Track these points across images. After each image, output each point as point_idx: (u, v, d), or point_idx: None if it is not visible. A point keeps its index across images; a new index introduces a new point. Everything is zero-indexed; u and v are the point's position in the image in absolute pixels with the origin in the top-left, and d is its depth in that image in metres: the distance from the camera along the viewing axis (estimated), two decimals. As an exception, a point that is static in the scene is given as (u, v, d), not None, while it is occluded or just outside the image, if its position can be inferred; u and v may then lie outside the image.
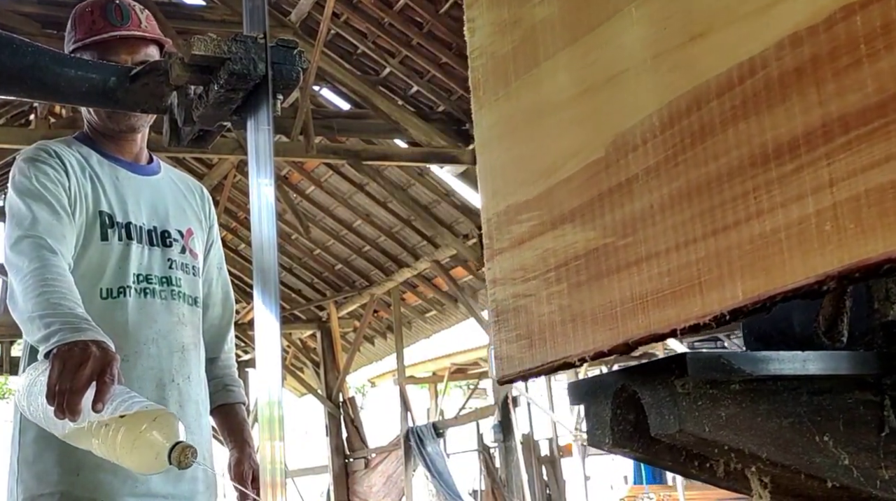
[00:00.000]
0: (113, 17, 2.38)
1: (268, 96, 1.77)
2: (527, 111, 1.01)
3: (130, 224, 2.34)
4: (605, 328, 0.88)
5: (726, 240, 0.77)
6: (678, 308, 0.81)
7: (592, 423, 0.98)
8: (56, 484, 2.20)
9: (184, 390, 2.34)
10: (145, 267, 2.33)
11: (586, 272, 0.91)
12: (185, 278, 2.40)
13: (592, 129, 0.91)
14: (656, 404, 0.89)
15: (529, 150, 1.00)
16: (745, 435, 0.91)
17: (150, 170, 2.49)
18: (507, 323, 1.02)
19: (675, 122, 0.82)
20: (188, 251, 2.43)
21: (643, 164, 0.85)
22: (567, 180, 0.94)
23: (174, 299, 2.36)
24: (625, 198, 0.87)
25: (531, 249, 0.98)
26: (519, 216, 1.00)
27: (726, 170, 0.77)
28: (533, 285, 0.98)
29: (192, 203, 2.52)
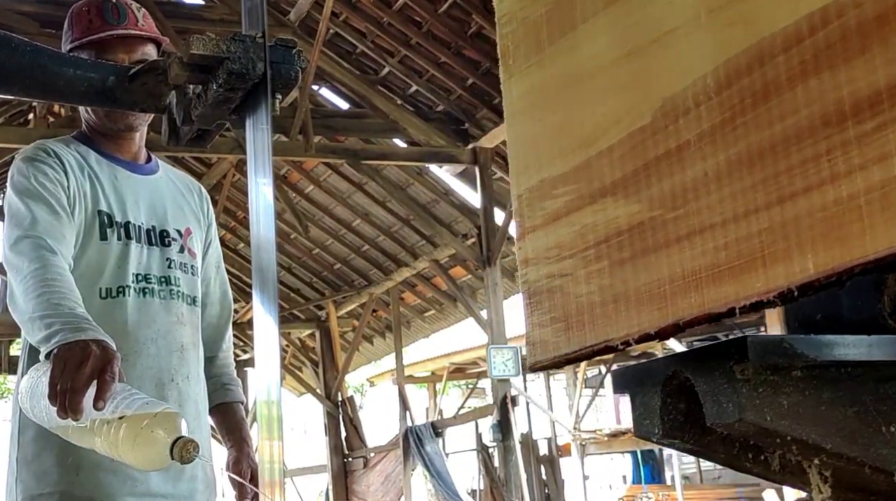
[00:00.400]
0: (110, 16, 2.36)
1: (266, 96, 1.76)
2: (562, 78, 0.94)
3: (129, 223, 2.33)
4: (651, 308, 0.82)
5: (794, 208, 0.70)
6: (737, 284, 0.74)
7: (640, 413, 0.91)
8: (55, 484, 2.19)
9: (183, 389, 2.33)
10: (144, 267, 2.32)
11: (630, 248, 0.84)
12: (184, 277, 2.39)
13: (637, 95, 0.84)
14: (713, 391, 0.82)
15: (565, 120, 0.93)
16: (808, 425, 0.84)
17: (148, 169, 2.47)
18: (541, 305, 0.95)
19: (733, 82, 0.76)
20: (187, 250, 2.42)
21: (696, 130, 0.78)
22: (608, 150, 0.87)
23: (173, 298, 2.35)
24: (674, 167, 0.80)
25: (568, 225, 0.92)
26: (554, 190, 0.93)
27: (794, 131, 0.70)
28: (569, 264, 0.91)
29: (190, 202, 2.51)
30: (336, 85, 11.59)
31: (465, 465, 15.52)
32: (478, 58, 10.17)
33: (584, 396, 16.88)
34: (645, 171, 0.83)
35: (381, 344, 17.02)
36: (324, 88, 11.87)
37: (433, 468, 13.36)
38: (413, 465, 13.74)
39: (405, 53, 10.66)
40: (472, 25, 9.90)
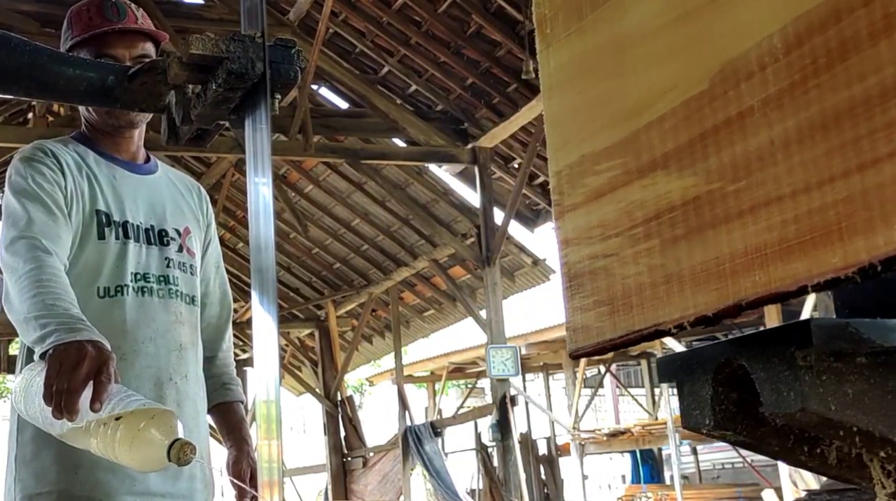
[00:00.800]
0: (110, 13, 2.36)
1: (266, 95, 1.76)
2: (606, 46, 0.88)
3: (128, 223, 2.32)
4: (709, 288, 0.76)
5: (878, 175, 0.64)
6: (809, 260, 0.68)
7: (689, 403, 0.86)
8: (54, 483, 2.17)
9: (181, 389, 2.32)
10: (143, 266, 2.32)
11: (684, 225, 0.79)
12: (183, 277, 2.39)
13: (692, 60, 0.79)
14: (772, 379, 0.76)
15: (609, 90, 0.88)
16: (875, 416, 0.78)
17: (147, 169, 2.47)
18: (583, 288, 0.89)
19: (804, 41, 0.70)
20: (185, 250, 2.42)
21: (760, 94, 0.73)
22: (659, 120, 0.81)
23: (172, 298, 2.35)
24: (736, 136, 0.74)
25: (613, 202, 0.86)
26: (596, 166, 0.88)
27: (878, 91, 0.65)
28: (615, 243, 0.86)
29: (189, 202, 2.51)
30: (335, 84, 11.57)
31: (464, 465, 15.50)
32: (477, 57, 10.14)
33: (584, 396, 16.84)
34: (701, 142, 0.77)
35: (380, 343, 17.01)
36: (323, 88, 11.86)
37: (432, 467, 13.35)
38: (412, 465, 13.72)
39: (404, 53, 10.64)
40: (472, 25, 9.87)
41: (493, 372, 10.73)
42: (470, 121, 11.02)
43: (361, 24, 10.53)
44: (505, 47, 9.79)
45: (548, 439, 16.16)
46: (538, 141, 10.10)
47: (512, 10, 9.15)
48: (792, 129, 0.70)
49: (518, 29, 9.17)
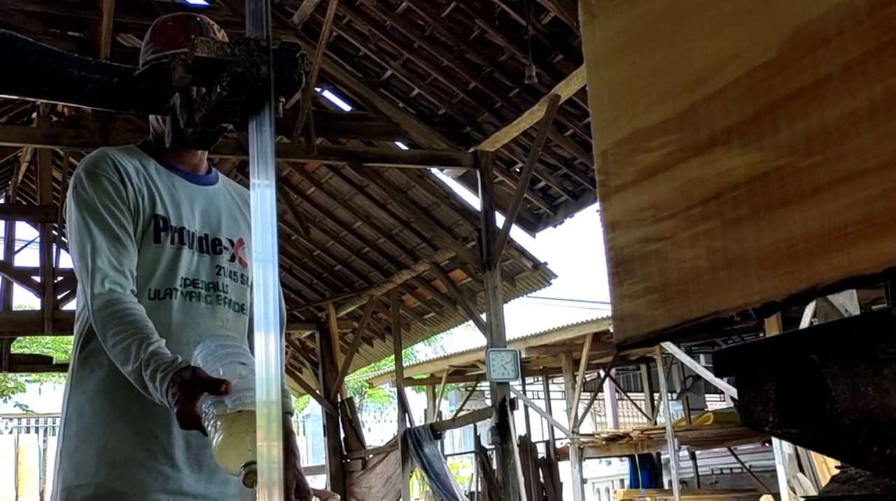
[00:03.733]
0: (193, 34, 2.42)
1: (270, 99, 1.76)
2: (660, 13, 0.83)
3: (184, 229, 2.42)
4: (779, 272, 0.70)
5: (978, 143, 0.59)
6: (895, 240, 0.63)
7: (750, 398, 0.79)
8: (93, 476, 2.27)
9: None
10: (193, 272, 2.41)
11: (749, 204, 0.73)
12: (233, 285, 2.47)
13: (759, 25, 0.73)
14: (846, 374, 0.71)
15: (665, 61, 0.82)
16: None
17: (206, 180, 2.57)
18: (632, 274, 0.83)
19: (887, 5, 0.65)
20: (238, 260, 2.50)
21: (840, 61, 0.67)
22: (720, 92, 0.76)
23: (219, 304, 2.43)
24: (810, 107, 0.69)
25: (667, 181, 0.80)
26: (650, 142, 0.82)
27: (977, 51, 0.60)
28: (669, 225, 0.80)
29: (245, 214, 2.57)
30: (338, 87, 11.53)
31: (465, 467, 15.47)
32: (480, 62, 10.10)
33: (583, 400, 16.80)
34: (770, 114, 0.72)
35: (380, 345, 16.99)
36: (326, 91, 11.82)
37: (431, 470, 13.32)
38: (411, 467, 13.69)
39: (407, 57, 10.61)
40: (475, 29, 9.83)
41: (492, 375, 10.68)
42: (472, 125, 10.98)
43: (365, 27, 10.50)
44: (508, 52, 9.74)
45: (547, 443, 16.13)
46: (540, 145, 10.07)
47: (515, 15, 9.10)
48: (879, 97, 0.64)
49: (521, 34, 9.12)
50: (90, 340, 2.32)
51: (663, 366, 15.88)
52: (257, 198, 1.78)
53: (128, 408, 2.27)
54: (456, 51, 10.20)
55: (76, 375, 2.38)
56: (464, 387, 22.19)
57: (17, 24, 9.30)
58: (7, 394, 25.41)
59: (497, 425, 11.17)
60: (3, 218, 14.63)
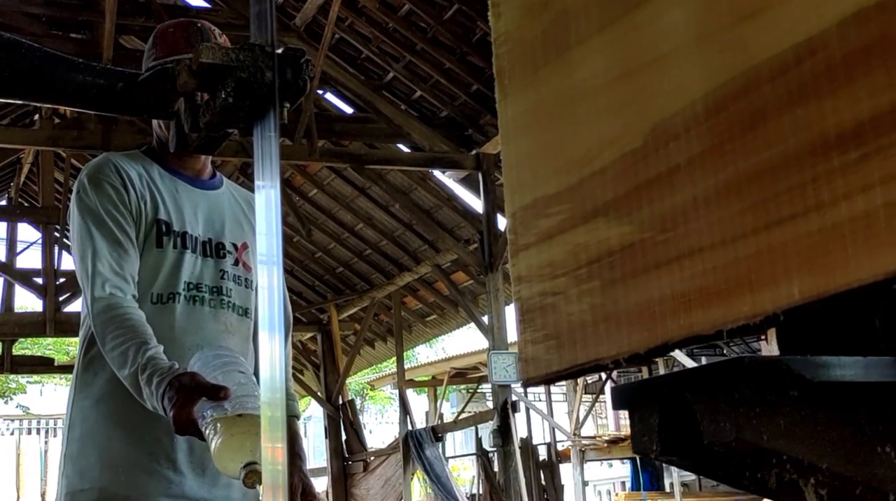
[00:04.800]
0: (194, 39, 2.45)
1: (275, 105, 1.76)
2: (557, 98, 0.95)
3: (186, 233, 2.42)
4: (641, 328, 0.83)
5: (781, 234, 0.71)
6: (725, 307, 0.75)
7: (639, 429, 0.92)
8: (96, 481, 2.28)
9: None
10: (196, 276, 2.41)
11: (621, 269, 0.85)
12: (237, 289, 2.47)
13: (630, 117, 0.85)
14: (710, 411, 0.83)
15: (559, 140, 0.94)
16: (804, 445, 0.85)
17: (210, 184, 2.57)
18: (534, 322, 0.96)
19: (722, 109, 0.76)
20: (241, 264, 2.49)
21: (686, 154, 0.79)
22: (601, 171, 0.88)
23: (223, 308, 2.43)
24: (665, 191, 0.81)
25: (561, 244, 0.93)
26: (547, 209, 0.94)
27: (781, 159, 0.71)
28: (562, 282, 0.92)
29: (250, 218, 2.57)
30: (341, 89, 11.61)
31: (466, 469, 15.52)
32: (482, 64, 10.18)
33: (584, 402, 16.87)
34: (636, 194, 0.84)
35: (382, 347, 17.04)
36: (328, 93, 11.89)
37: (432, 472, 13.37)
38: (413, 469, 13.75)
39: (410, 59, 10.68)
40: (477, 32, 9.91)
41: (494, 377, 10.75)
42: (474, 127, 11.06)
43: (367, 29, 10.57)
44: (509, 55, 9.83)
45: (548, 445, 16.17)
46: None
47: (516, 19, 9.19)
48: (712, 188, 0.76)
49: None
50: (94, 344, 2.32)
51: (665, 369, 15.96)
52: (262, 201, 1.78)
53: (131, 412, 2.27)
54: (458, 53, 10.28)
55: (80, 379, 2.39)
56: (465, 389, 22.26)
57: (19, 25, 9.33)
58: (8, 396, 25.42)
59: (498, 427, 11.24)
60: (6, 219, 14.64)
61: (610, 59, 0.87)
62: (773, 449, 0.83)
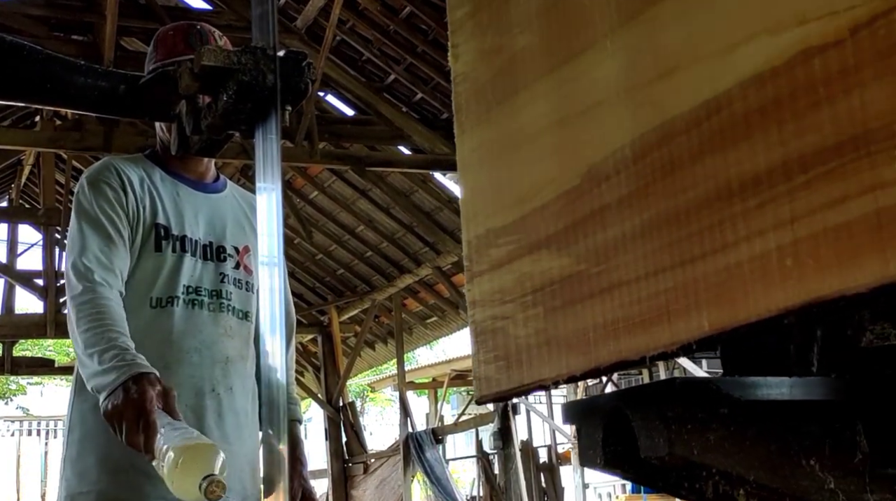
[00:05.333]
0: (194, 42, 2.46)
1: (276, 107, 1.77)
2: (506, 138, 1.03)
3: (186, 237, 2.43)
4: (578, 353, 0.90)
5: (693, 271, 0.78)
6: (647, 336, 0.82)
7: (585, 443, 1.00)
8: (95, 483, 2.30)
9: (224, 401, 2.38)
10: (196, 279, 2.41)
11: (561, 297, 0.93)
12: (237, 292, 2.47)
13: (567, 159, 0.93)
14: (646, 427, 0.90)
15: (508, 176, 1.02)
16: (733, 459, 0.92)
17: (213, 187, 2.57)
18: (486, 344, 1.04)
19: (645, 155, 0.84)
20: (243, 267, 2.50)
21: (616, 195, 0.87)
22: (543, 207, 0.95)
23: (222, 312, 2.42)
24: (597, 227, 0.88)
25: (509, 272, 1.00)
26: (498, 240, 1.02)
27: (694, 202, 0.79)
28: (510, 308, 1.00)
29: (253, 221, 2.55)
30: (342, 91, 11.63)
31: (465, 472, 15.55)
32: (482, 67, 10.20)
33: (585, 404, 16.90)
34: (573, 229, 0.91)
35: (382, 349, 17.06)
36: (329, 95, 11.92)
37: (433, 474, 13.40)
38: (413, 471, 13.78)
39: (411, 61, 10.71)
40: (477, 35, 9.94)
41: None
42: (474, 130, 11.08)
43: (368, 31, 10.59)
44: (508, 59, 9.87)
45: (549, 447, 16.21)
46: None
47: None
48: (637, 226, 0.84)
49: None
50: None
51: (665, 371, 16.00)
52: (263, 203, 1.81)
53: None
54: (458, 57, 10.31)
55: (79, 382, 2.37)
56: (466, 391, 22.29)
57: (20, 27, 9.31)
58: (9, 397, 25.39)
59: (499, 429, 11.29)
60: (6, 221, 14.60)
61: (551, 105, 0.95)
62: (703, 463, 0.90)
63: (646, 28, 0.83)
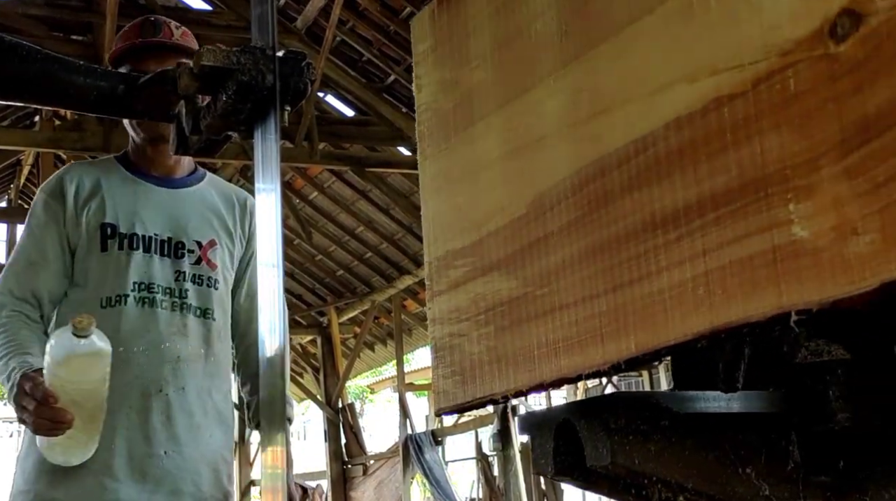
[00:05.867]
0: (146, 31, 2.49)
1: (276, 108, 1.77)
2: (463, 166, 1.09)
3: (136, 235, 2.40)
4: (524, 369, 0.96)
5: (623, 296, 0.85)
6: (583, 355, 0.89)
7: (538, 453, 1.06)
8: (33, 483, 2.30)
9: (174, 401, 2.35)
10: (148, 276, 2.39)
11: (510, 317, 0.99)
12: (196, 290, 2.44)
13: (517, 188, 0.99)
14: (591, 438, 0.97)
15: (465, 202, 1.08)
16: (673, 468, 0.98)
17: (181, 182, 2.55)
18: (444, 359, 1.10)
19: (584, 187, 0.90)
20: (205, 262, 2.47)
21: (558, 223, 0.93)
22: (495, 232, 1.02)
23: (177, 310, 2.39)
24: (542, 252, 0.95)
25: (465, 293, 1.06)
26: (455, 261, 1.08)
27: (624, 233, 0.85)
28: (466, 326, 1.06)
29: (224, 215, 2.55)
30: (342, 92, 11.64)
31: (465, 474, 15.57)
32: (481, 70, 10.21)
33: (584, 405, 16.94)
34: (521, 253, 0.98)
35: (382, 351, 17.07)
36: (329, 95, 11.93)
37: (432, 476, 13.42)
38: (412, 473, 13.79)
39: (411, 62, 10.69)
40: (476, 37, 9.96)
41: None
42: (474, 132, 11.09)
43: (368, 32, 10.60)
44: (508, 60, 9.89)
45: (548, 447, 16.21)
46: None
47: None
48: (576, 253, 0.90)
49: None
50: None
51: (666, 373, 16.03)
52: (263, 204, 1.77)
53: None
54: (458, 59, 10.32)
55: None
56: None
57: (20, 27, 9.29)
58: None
59: (499, 431, 11.30)
60: (5, 221, 14.56)
61: (503, 136, 1.01)
62: (643, 472, 0.96)
63: (586, 69, 0.90)
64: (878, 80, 0.62)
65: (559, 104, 0.93)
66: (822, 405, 0.98)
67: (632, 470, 0.96)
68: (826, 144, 0.66)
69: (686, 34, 0.78)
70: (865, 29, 0.64)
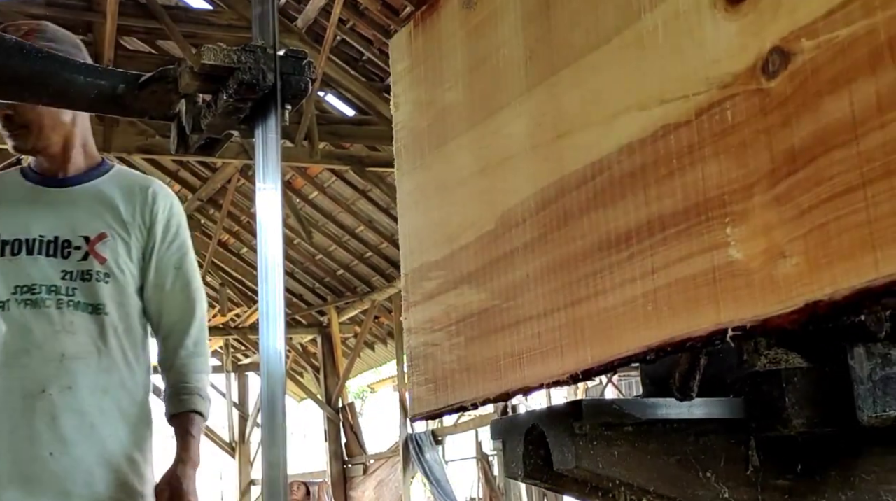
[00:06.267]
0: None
1: (277, 107, 1.77)
2: (437, 182, 1.14)
3: (18, 240, 2.36)
4: (491, 378, 1.01)
5: (580, 310, 0.89)
6: (545, 366, 0.93)
7: (508, 457, 1.11)
8: None
9: (59, 401, 2.29)
10: (29, 278, 2.34)
11: (478, 328, 1.04)
12: (83, 286, 2.37)
13: (485, 205, 1.04)
14: (558, 443, 1.01)
15: (438, 217, 1.13)
16: (636, 471, 1.03)
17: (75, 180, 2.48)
18: (419, 367, 1.15)
19: (546, 206, 0.95)
20: (93, 256, 2.39)
21: (523, 239, 0.97)
22: (465, 247, 1.06)
23: (61, 308, 2.33)
24: (508, 267, 0.99)
25: (438, 304, 1.11)
26: (430, 274, 1.13)
27: (581, 251, 0.90)
28: (438, 336, 1.11)
29: (121, 206, 2.47)
30: (342, 91, 11.63)
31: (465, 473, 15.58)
32: (480, 70, 10.21)
33: (584, 404, 16.94)
34: (489, 268, 1.02)
35: (382, 350, 17.08)
36: (330, 95, 11.93)
37: (432, 475, 13.43)
38: (412, 472, 13.81)
39: (410, 63, 10.71)
40: (476, 38, 9.96)
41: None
42: (474, 132, 11.08)
43: (369, 31, 10.59)
44: (508, 61, 9.89)
45: (547, 447, 16.20)
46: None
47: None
48: (539, 268, 0.95)
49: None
50: None
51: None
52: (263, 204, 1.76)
53: None
54: (458, 59, 10.32)
55: None
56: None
57: None
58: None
59: (499, 430, 11.32)
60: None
61: (473, 156, 1.06)
62: (607, 476, 1.01)
63: (549, 92, 0.94)
64: (803, 115, 0.67)
65: (524, 126, 0.98)
66: (779, 410, 1.02)
67: (596, 474, 1.00)
68: (758, 173, 0.70)
69: (639, 64, 0.82)
70: (793, 66, 0.68)
